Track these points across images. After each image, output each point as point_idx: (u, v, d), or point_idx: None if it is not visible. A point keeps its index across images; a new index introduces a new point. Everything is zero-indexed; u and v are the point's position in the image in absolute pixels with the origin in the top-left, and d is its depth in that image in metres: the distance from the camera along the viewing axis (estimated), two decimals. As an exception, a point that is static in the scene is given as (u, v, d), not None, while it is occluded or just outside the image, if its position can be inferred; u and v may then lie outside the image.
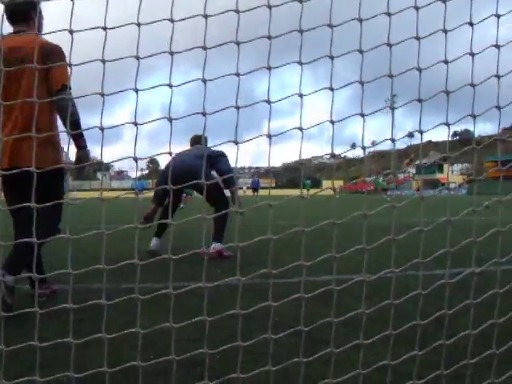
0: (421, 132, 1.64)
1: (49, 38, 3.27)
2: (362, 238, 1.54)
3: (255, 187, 40.23)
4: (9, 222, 3.28)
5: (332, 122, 1.54)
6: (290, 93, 1.56)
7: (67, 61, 1.49)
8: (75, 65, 1.45)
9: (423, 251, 1.62)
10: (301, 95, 1.52)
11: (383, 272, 1.66)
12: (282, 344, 2.36)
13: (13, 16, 3.28)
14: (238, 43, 1.46)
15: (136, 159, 1.45)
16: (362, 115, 1.57)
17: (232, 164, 5.78)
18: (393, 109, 1.64)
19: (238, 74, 1.47)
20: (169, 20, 1.45)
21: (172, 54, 1.45)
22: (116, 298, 1.54)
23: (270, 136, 1.51)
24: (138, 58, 1.45)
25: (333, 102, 1.54)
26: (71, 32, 1.40)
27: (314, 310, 2.55)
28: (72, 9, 1.43)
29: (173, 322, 1.48)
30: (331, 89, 1.53)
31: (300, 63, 1.50)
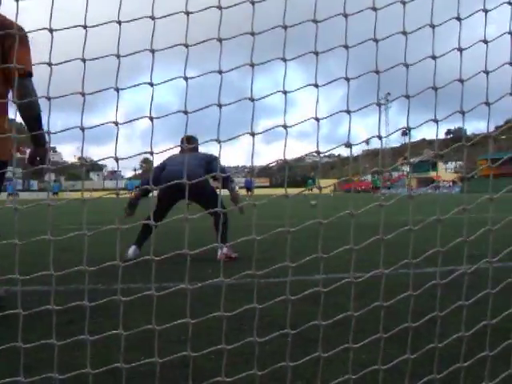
0: (409, 129, 1.62)
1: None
2: (351, 237, 1.52)
3: (248, 187, 40.22)
4: None
5: (317, 120, 1.53)
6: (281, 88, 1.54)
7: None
8: (54, 65, 1.43)
9: (415, 249, 1.61)
10: (285, 92, 1.51)
11: (372, 272, 1.65)
12: (274, 344, 2.34)
13: None
14: (220, 40, 1.44)
15: (117, 159, 1.43)
16: (348, 112, 1.55)
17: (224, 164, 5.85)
18: (379, 105, 1.63)
19: (220, 72, 1.45)
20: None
21: (153, 52, 1.43)
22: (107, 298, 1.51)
23: (253, 134, 1.50)
24: (118, 56, 1.43)
25: (317, 101, 1.53)
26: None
27: (308, 309, 2.53)
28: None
29: (167, 323, 1.46)
30: (316, 85, 1.51)
31: (284, 60, 1.48)
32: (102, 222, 9.58)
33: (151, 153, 1.43)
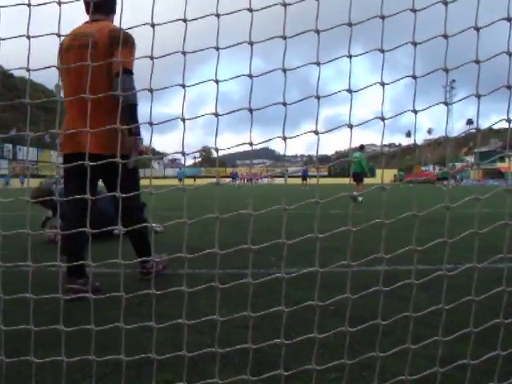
0: (477, 129, 1.57)
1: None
2: (444, 229, 1.47)
3: (304, 175, 40.08)
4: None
5: (383, 119, 1.51)
6: (346, 80, 1.53)
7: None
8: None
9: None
10: (350, 91, 1.49)
11: (466, 266, 1.61)
12: (339, 334, 2.35)
13: (93, 4, 3.34)
14: (285, 37, 1.45)
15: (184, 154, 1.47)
16: (415, 111, 1.51)
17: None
18: (447, 104, 1.57)
19: (284, 70, 1.46)
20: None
21: (217, 49, 1.46)
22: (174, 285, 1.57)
23: (317, 133, 1.49)
24: (184, 53, 1.46)
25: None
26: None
27: (373, 300, 2.51)
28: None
29: (234, 308, 1.51)
30: (382, 84, 1.49)
31: (349, 56, 1.47)
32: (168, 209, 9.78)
33: (216, 149, 1.46)
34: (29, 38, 1.44)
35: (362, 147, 16.98)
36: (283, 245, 1.48)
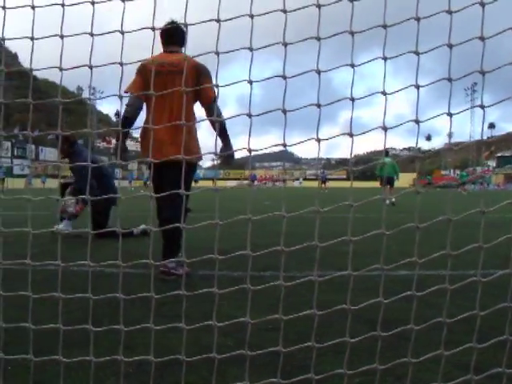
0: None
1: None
2: (480, 234, 1.45)
3: (323, 179, 40.05)
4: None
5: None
6: (369, 82, 1.52)
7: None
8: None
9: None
10: (385, 93, 1.47)
11: (501, 272, 1.58)
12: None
13: (171, 38, 4.11)
14: (318, 38, 1.44)
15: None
16: (450, 115, 1.49)
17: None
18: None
19: (319, 72, 1.44)
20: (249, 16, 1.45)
21: (252, 49, 1.46)
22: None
23: (352, 136, 1.48)
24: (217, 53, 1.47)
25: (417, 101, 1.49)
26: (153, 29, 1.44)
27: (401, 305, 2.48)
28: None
29: (261, 311, 1.50)
30: (417, 86, 1.46)
31: (384, 59, 1.45)
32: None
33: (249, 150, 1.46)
34: (62, 37, 1.46)
35: (387, 153, 17.79)
36: (306, 248, 1.46)
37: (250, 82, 1.43)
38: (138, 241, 6.28)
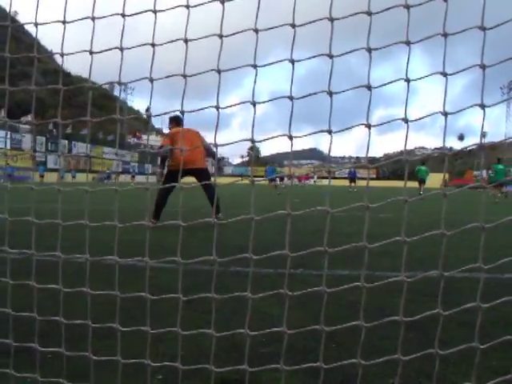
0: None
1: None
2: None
3: (352, 177, 39.63)
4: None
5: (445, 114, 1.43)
6: (403, 78, 1.48)
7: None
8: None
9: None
10: (408, 80, 1.43)
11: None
12: (392, 338, 2.29)
13: (181, 121, 8.74)
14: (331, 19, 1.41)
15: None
16: (483, 107, 1.43)
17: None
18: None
19: (331, 56, 1.41)
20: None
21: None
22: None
23: (369, 126, 1.45)
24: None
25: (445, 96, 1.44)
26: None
27: (429, 306, 2.43)
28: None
29: (290, 308, 1.49)
30: (444, 74, 1.42)
31: (408, 43, 1.41)
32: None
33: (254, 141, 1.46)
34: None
35: (423, 163, 25.64)
36: (340, 247, 1.44)
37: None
38: (169, 235, 6.34)
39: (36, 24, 1.66)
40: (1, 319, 1.73)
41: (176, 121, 8.80)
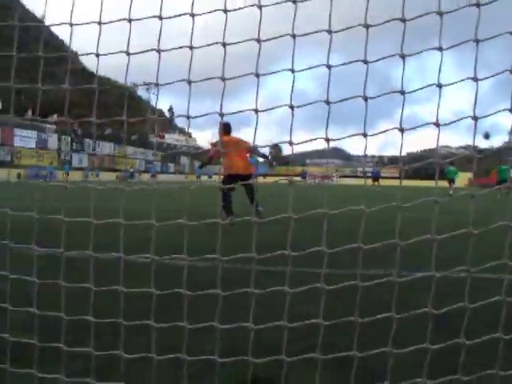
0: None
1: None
2: None
3: (376, 177, 39.44)
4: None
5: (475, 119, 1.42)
6: (429, 78, 1.49)
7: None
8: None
9: None
10: (439, 86, 1.44)
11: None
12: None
13: (230, 130, 9.77)
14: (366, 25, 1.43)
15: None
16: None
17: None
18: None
19: (366, 62, 1.43)
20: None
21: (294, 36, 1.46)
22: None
23: (402, 130, 1.46)
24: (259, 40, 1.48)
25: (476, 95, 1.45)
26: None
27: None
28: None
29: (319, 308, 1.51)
30: (475, 79, 1.42)
31: (440, 49, 1.42)
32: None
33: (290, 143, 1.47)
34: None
35: (451, 163, 25.64)
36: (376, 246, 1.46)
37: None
38: (206, 234, 6.40)
39: (71, 24, 1.72)
40: (29, 316, 1.78)
41: (225, 129, 9.67)
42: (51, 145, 59.31)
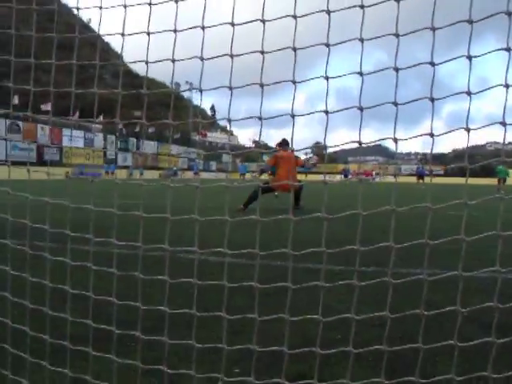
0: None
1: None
2: None
3: (421, 174, 38.70)
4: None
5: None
6: (478, 72, 1.48)
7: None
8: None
9: None
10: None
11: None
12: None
13: (287, 145, 10.92)
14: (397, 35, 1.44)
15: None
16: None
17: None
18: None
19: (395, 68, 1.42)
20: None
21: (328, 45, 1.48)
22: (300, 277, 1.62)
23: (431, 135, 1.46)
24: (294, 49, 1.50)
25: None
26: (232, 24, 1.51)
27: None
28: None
29: (367, 307, 1.53)
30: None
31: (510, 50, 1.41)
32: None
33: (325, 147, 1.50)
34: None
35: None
36: (412, 245, 1.47)
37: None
38: (244, 230, 6.48)
39: (123, 34, 1.81)
40: (83, 307, 1.87)
41: (284, 144, 10.94)
42: (97, 144, 60.97)
